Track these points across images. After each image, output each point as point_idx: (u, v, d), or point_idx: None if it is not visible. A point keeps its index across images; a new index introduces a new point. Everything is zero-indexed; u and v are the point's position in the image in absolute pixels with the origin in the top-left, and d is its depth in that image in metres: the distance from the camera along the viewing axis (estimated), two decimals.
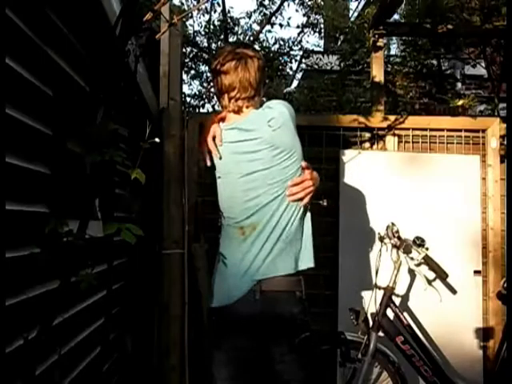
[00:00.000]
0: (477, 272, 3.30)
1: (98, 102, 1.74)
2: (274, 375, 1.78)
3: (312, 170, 1.87)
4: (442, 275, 2.86)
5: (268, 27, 8.42)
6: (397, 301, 2.94)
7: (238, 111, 1.86)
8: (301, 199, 1.80)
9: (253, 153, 1.79)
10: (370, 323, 2.75)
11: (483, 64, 5.27)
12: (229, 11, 8.13)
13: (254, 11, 8.45)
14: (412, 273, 3.12)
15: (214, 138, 1.88)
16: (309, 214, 1.87)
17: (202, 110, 8.52)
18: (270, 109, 1.82)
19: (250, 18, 8.50)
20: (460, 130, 3.47)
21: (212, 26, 8.15)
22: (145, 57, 2.92)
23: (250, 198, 1.81)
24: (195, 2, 7.75)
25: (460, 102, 3.84)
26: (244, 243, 1.81)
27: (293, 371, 1.78)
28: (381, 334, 2.76)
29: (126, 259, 2.96)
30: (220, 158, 1.87)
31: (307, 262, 1.84)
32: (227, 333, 1.82)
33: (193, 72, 8.64)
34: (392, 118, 3.47)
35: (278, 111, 1.80)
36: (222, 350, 1.82)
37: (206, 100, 8.72)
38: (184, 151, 3.25)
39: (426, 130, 3.47)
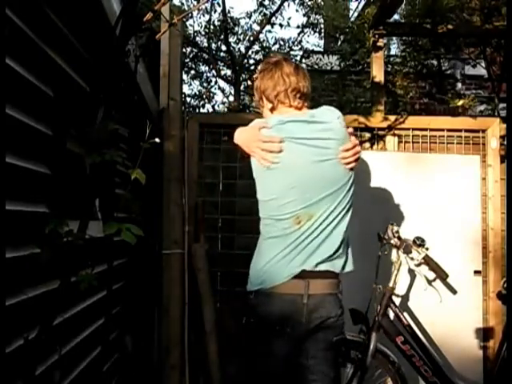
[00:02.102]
0: (477, 272, 3.30)
1: (98, 102, 1.74)
2: (304, 369, 1.81)
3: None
4: (442, 275, 2.86)
5: (268, 27, 8.42)
6: (397, 301, 2.94)
7: (301, 108, 1.93)
8: (351, 163, 1.90)
9: (323, 143, 1.83)
10: (370, 323, 2.75)
11: (483, 64, 5.26)
12: (229, 11, 8.13)
13: (254, 11, 8.45)
14: (412, 273, 3.12)
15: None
16: None
17: (202, 110, 8.52)
18: (330, 109, 1.93)
19: (250, 18, 8.50)
20: (460, 130, 3.46)
21: (212, 26, 8.15)
22: (145, 57, 2.93)
23: (314, 189, 1.82)
24: (195, 2, 7.76)
25: (460, 102, 3.85)
26: (296, 232, 1.81)
27: (329, 371, 1.82)
28: (381, 333, 2.76)
29: (126, 259, 2.96)
30: (284, 151, 1.83)
31: (351, 264, 1.96)
32: (269, 321, 1.82)
33: (193, 72, 8.65)
34: (392, 118, 3.47)
35: (340, 112, 1.92)
36: (263, 340, 1.84)
37: (206, 100, 8.73)
38: (184, 151, 3.26)
39: (426, 130, 3.47)
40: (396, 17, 4.97)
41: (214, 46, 8.33)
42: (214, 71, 8.70)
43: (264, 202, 1.89)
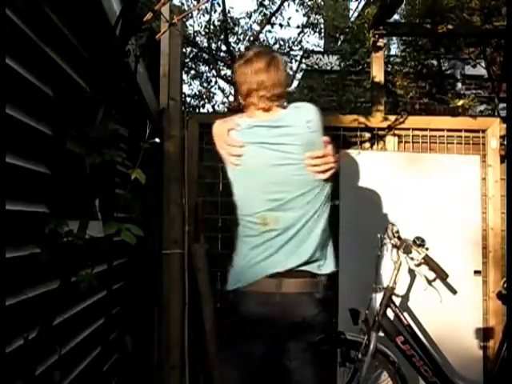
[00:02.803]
0: (477, 272, 3.30)
1: (98, 102, 1.74)
2: (287, 371, 1.81)
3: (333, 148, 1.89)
4: (442, 275, 2.86)
5: (268, 27, 8.42)
6: (397, 301, 2.94)
7: (268, 109, 1.88)
8: (320, 173, 1.82)
9: (283, 148, 1.81)
10: (370, 323, 2.75)
11: (483, 64, 5.26)
12: (229, 11, 8.13)
13: (254, 11, 8.45)
14: (412, 273, 3.12)
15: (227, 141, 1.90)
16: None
17: (202, 110, 8.52)
18: (304, 110, 1.86)
19: (250, 18, 8.50)
20: (460, 130, 3.46)
21: (212, 26, 8.15)
22: (145, 57, 2.92)
23: (277, 191, 1.81)
24: (195, 2, 7.76)
25: (460, 102, 3.84)
26: (266, 233, 1.81)
27: (309, 371, 1.81)
28: (381, 333, 2.76)
29: (126, 259, 2.96)
30: (245, 155, 1.85)
31: (332, 265, 1.88)
32: (245, 320, 1.83)
33: (193, 72, 8.65)
34: (392, 118, 3.47)
35: (315, 114, 1.85)
36: (240, 340, 1.85)
37: (206, 100, 8.73)
38: (184, 151, 3.26)
39: (426, 130, 3.47)
40: (396, 17, 4.97)
41: (214, 45, 8.33)
42: (214, 71, 8.70)
43: (235, 201, 1.91)
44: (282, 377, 1.83)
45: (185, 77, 8.42)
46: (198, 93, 8.85)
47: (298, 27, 8.55)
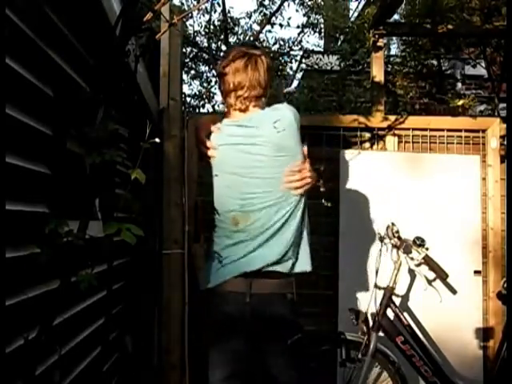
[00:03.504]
0: (477, 272, 3.30)
1: (98, 102, 1.74)
2: (266, 375, 1.80)
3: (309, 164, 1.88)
4: (442, 275, 2.86)
5: (268, 27, 8.42)
6: (397, 301, 2.94)
7: (245, 110, 1.88)
8: (296, 188, 1.82)
9: (253, 149, 1.81)
10: (370, 323, 2.75)
11: (483, 64, 5.26)
12: (229, 11, 8.13)
13: (254, 11, 8.45)
14: (412, 273, 3.12)
15: (208, 136, 1.91)
16: (307, 217, 1.89)
17: (202, 110, 8.52)
18: (275, 110, 1.85)
19: (250, 18, 8.50)
20: (460, 130, 3.46)
21: (212, 26, 8.15)
22: (145, 57, 2.92)
23: (246, 192, 1.82)
24: (195, 2, 7.76)
25: (460, 102, 3.85)
26: (237, 233, 1.83)
27: (286, 373, 1.80)
28: (381, 333, 2.76)
29: (126, 259, 2.96)
30: (219, 154, 1.88)
31: (304, 265, 1.86)
32: (217, 320, 1.84)
33: (193, 72, 8.65)
34: (392, 118, 3.47)
35: (284, 114, 1.83)
36: (216, 346, 1.84)
37: (206, 100, 8.73)
38: (184, 151, 3.26)
39: (426, 130, 3.47)
40: (396, 17, 4.97)
41: (213, 46, 8.33)
42: (214, 71, 8.70)
43: (210, 200, 1.94)
44: (258, 378, 1.82)
45: (185, 77, 8.42)
46: (197, 93, 8.85)
47: (298, 27, 8.55)
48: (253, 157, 1.81)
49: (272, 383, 1.81)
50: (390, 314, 2.80)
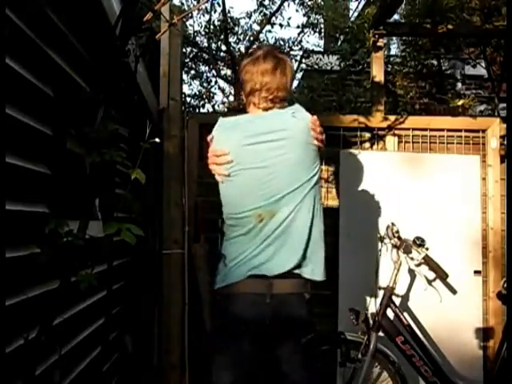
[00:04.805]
0: (477, 272, 3.30)
1: (98, 102, 1.74)
2: (280, 375, 1.78)
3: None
4: (442, 275, 2.86)
5: (268, 27, 8.44)
6: (397, 301, 2.94)
7: (268, 110, 1.88)
8: (319, 141, 1.87)
9: (276, 144, 1.80)
10: (370, 323, 2.75)
11: (483, 64, 5.26)
12: (229, 11, 8.14)
13: (254, 11, 8.46)
14: (412, 273, 3.12)
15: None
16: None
17: (202, 110, 8.53)
18: (291, 108, 1.88)
19: (250, 18, 8.51)
20: (460, 130, 3.46)
21: (212, 26, 8.15)
22: (145, 57, 2.92)
23: (271, 188, 1.79)
24: (195, 2, 7.76)
25: (460, 102, 3.84)
26: (258, 231, 1.79)
27: (299, 371, 1.78)
28: (381, 334, 2.76)
29: (126, 259, 2.96)
30: (239, 152, 1.84)
31: (319, 274, 1.86)
32: (233, 319, 1.80)
33: (193, 72, 8.66)
34: (392, 117, 3.47)
35: (297, 107, 1.88)
36: (226, 348, 1.81)
37: (206, 100, 8.73)
38: (184, 151, 3.26)
39: (426, 130, 3.47)
40: (396, 17, 4.98)
41: (214, 46, 8.33)
42: (214, 71, 8.70)
43: (224, 201, 1.90)
44: (276, 380, 1.81)
45: (185, 77, 8.43)
46: (197, 93, 8.86)
47: (298, 27, 8.56)
48: (275, 152, 1.80)
49: (283, 381, 1.80)
50: (390, 314, 2.80)
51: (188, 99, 8.55)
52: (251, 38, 8.39)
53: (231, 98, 8.74)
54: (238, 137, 1.85)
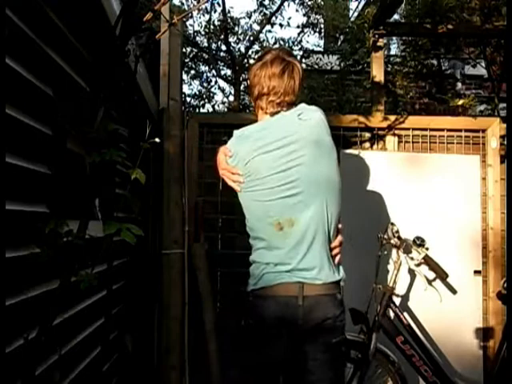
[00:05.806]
0: (477, 272, 3.30)
1: (98, 102, 1.74)
2: (304, 372, 1.78)
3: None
4: (442, 275, 2.86)
5: (268, 27, 8.41)
6: (397, 301, 2.94)
7: (275, 114, 1.87)
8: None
9: (287, 149, 1.79)
10: (370, 323, 2.75)
11: (483, 64, 5.26)
12: (229, 11, 8.12)
13: (254, 11, 8.44)
14: (412, 273, 3.12)
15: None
16: None
17: (202, 110, 8.52)
18: (297, 109, 1.86)
19: (250, 18, 8.49)
20: (460, 130, 3.46)
21: (212, 26, 8.14)
22: (145, 57, 2.92)
23: (288, 195, 1.78)
24: (195, 2, 7.75)
25: (460, 102, 3.85)
26: (280, 239, 1.79)
27: (324, 370, 1.78)
28: (381, 333, 2.76)
29: (126, 259, 2.96)
30: (253, 164, 1.82)
31: (341, 272, 1.91)
32: (265, 323, 1.79)
33: (193, 72, 8.64)
34: (392, 117, 3.47)
35: (304, 106, 1.86)
36: (257, 347, 1.81)
37: (206, 100, 8.73)
38: (184, 151, 3.26)
39: (426, 130, 3.47)
40: (396, 17, 4.98)
41: (214, 45, 8.32)
42: (214, 71, 8.70)
43: (247, 212, 1.90)
44: (304, 381, 1.80)
45: (185, 77, 8.42)
46: (197, 93, 8.85)
47: (298, 27, 8.54)
48: (288, 157, 1.78)
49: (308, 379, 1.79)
50: (390, 313, 2.80)
51: (188, 99, 8.55)
52: (251, 38, 8.38)
53: (231, 98, 8.73)
54: (249, 148, 1.83)
